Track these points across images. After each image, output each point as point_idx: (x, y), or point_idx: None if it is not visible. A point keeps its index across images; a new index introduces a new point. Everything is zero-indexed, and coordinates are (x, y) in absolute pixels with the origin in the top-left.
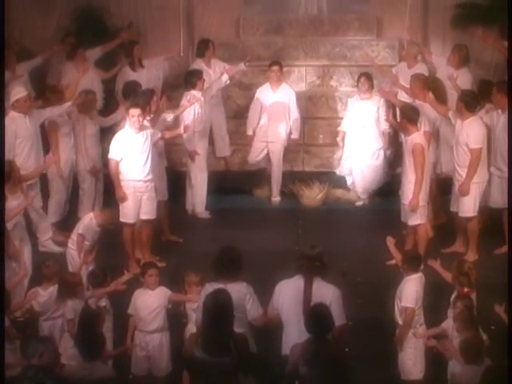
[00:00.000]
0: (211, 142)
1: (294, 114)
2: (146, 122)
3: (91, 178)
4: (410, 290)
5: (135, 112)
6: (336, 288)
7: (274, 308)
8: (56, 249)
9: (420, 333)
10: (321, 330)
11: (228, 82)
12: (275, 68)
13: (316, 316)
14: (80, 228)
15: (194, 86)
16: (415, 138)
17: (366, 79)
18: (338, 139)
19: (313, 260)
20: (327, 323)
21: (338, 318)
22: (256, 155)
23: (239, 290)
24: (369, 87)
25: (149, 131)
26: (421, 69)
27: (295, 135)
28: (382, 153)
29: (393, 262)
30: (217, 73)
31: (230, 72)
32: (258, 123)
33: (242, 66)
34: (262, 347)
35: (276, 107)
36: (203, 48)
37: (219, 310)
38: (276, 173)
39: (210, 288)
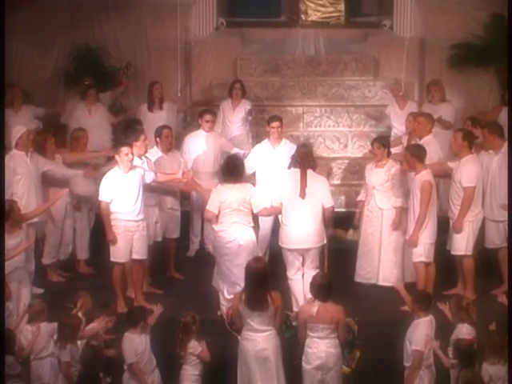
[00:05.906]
0: None
1: None
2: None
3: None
4: (420, 334)
5: (124, 150)
6: (325, 179)
7: (278, 198)
8: (38, 291)
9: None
10: (323, 295)
11: None
12: (276, 124)
13: (318, 283)
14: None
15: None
16: (424, 175)
17: (380, 146)
18: (358, 211)
19: (306, 155)
20: (328, 289)
21: (328, 201)
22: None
23: (245, 190)
24: (384, 155)
25: (138, 170)
26: (411, 107)
27: None
28: None
29: (405, 307)
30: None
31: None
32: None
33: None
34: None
35: (277, 165)
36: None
37: (258, 273)
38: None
39: (221, 188)
